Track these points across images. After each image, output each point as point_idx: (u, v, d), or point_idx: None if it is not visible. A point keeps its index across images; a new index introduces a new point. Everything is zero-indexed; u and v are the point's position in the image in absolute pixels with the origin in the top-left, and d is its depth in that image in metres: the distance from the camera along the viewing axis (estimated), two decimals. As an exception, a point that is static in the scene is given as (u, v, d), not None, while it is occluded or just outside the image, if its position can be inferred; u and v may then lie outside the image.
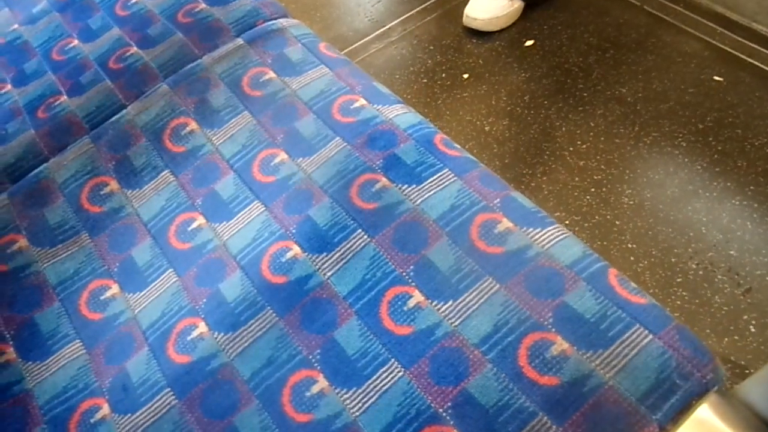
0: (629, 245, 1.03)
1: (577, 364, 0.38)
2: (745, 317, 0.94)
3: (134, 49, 0.66)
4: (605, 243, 1.03)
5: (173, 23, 0.67)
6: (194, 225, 0.51)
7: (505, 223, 0.45)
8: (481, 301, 0.42)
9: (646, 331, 0.39)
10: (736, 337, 0.91)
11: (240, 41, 0.63)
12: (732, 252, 1.00)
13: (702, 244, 1.01)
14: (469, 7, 1.38)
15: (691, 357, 0.38)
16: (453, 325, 0.41)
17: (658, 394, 0.36)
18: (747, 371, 0.88)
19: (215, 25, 0.65)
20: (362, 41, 1.44)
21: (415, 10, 1.49)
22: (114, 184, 0.56)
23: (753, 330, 0.92)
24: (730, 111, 1.19)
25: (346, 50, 1.42)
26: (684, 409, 0.36)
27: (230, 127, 0.56)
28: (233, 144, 0.55)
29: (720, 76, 1.24)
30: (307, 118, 0.55)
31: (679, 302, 0.96)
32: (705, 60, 1.26)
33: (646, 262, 1.00)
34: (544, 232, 0.45)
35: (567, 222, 1.06)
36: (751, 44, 1.26)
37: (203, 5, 0.68)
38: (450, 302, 0.42)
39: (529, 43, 1.35)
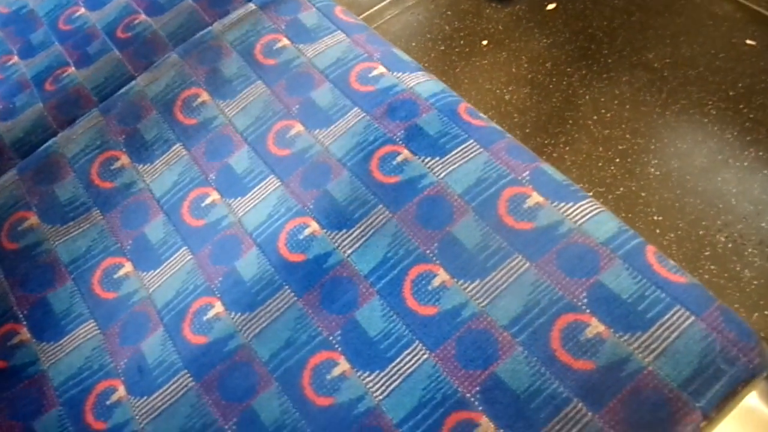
0: (655, 217, 0.99)
1: (614, 348, 0.36)
2: (776, 291, 0.90)
3: (142, 16, 0.63)
4: (630, 215, 1.00)
5: (182, -11, 0.64)
6: (208, 201, 0.49)
7: (535, 197, 0.42)
8: (510, 280, 0.39)
9: (688, 313, 0.36)
10: (766, 312, 0.88)
11: (252, 6, 0.60)
12: (763, 224, 0.97)
13: (731, 216, 0.98)
14: (488, -30, 1.32)
15: (736, 340, 0.35)
16: (480, 305, 0.39)
17: (702, 379, 0.34)
18: (777, 347, 0.85)
19: (225, -10, 0.62)
20: (377, 7, 1.39)
21: (432, -26, 1.43)
22: (125, 159, 0.54)
23: (784, 305, 0.89)
24: (763, 77, 1.13)
25: (360, 17, 1.38)
26: (729, 395, 0.34)
27: (243, 97, 0.54)
28: (246, 116, 0.53)
29: (753, 40, 1.18)
30: (324, 88, 0.52)
31: (707, 276, 0.93)
32: (737, 23, 1.20)
33: (672, 235, 0.97)
34: (576, 206, 0.42)
35: (591, 194, 1.03)
36: (787, 5, 1.20)
37: (213, -31, 0.65)
38: (477, 281, 0.40)
39: (551, 6, 1.30)
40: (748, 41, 1.18)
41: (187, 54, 0.58)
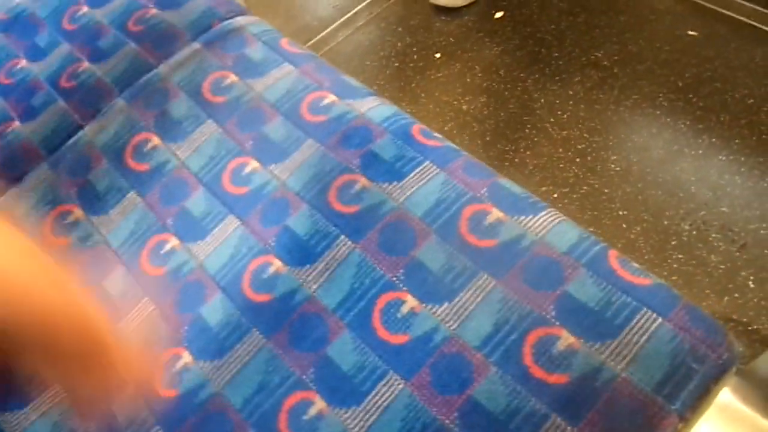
0: (620, 212, 1.01)
1: (586, 358, 0.36)
2: (743, 274, 0.92)
3: (86, 64, 0.62)
4: (596, 213, 1.01)
5: (124, 33, 0.63)
6: (167, 247, 0.48)
7: (495, 213, 0.43)
8: (478, 299, 0.39)
9: (654, 315, 0.37)
10: (736, 295, 0.90)
11: (197, 45, 0.60)
12: (723, 209, 0.99)
13: (693, 203, 1.00)
14: (434, -16, 1.34)
15: (704, 337, 0.36)
16: (451, 328, 0.39)
17: (674, 381, 0.34)
18: (750, 328, 0.87)
19: (169, 31, 0.62)
20: (329, 29, 1.40)
21: (379, -8, 1.44)
22: (78, 212, 0.52)
23: (752, 286, 0.91)
24: (708, 65, 1.17)
25: (312, 40, 1.38)
26: (703, 394, 0.34)
27: (195, 138, 0.53)
28: (200, 156, 0.52)
29: (695, 31, 1.21)
30: (276, 121, 0.52)
31: (675, 265, 0.95)
32: (678, 15, 1.24)
33: (638, 228, 0.99)
34: (536, 218, 0.42)
35: (555, 195, 1.05)
36: (724, -5, 1.24)
37: (155, 10, 0.64)
38: (445, 304, 0.39)
39: (499, 14, 1.32)
40: (690, 32, 1.22)
41: (134, 98, 0.57)
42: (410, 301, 0.40)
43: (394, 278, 0.41)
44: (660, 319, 0.36)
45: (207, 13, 0.62)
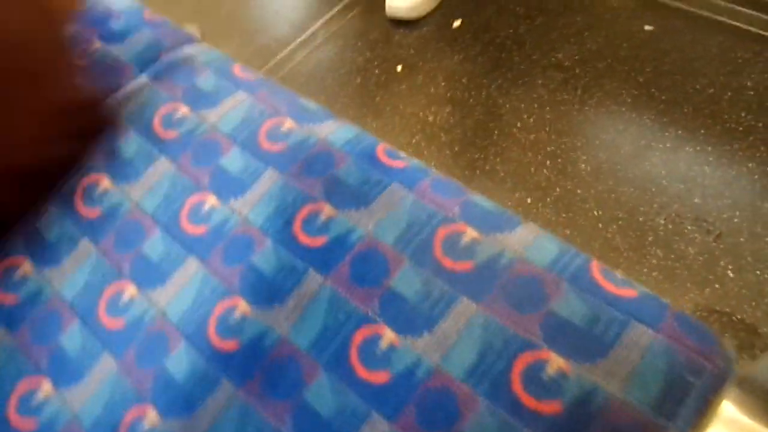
0: (595, 212, 1.00)
1: (578, 381, 0.34)
2: (722, 263, 0.92)
3: (27, 106, 0.58)
4: (571, 214, 1.01)
5: (67, 70, 0.60)
6: (125, 297, 0.45)
7: (470, 233, 0.40)
8: (460, 326, 0.37)
9: (644, 327, 0.35)
10: (716, 286, 0.90)
11: (144, 78, 0.57)
12: (696, 200, 0.99)
13: (665, 197, 1.00)
14: (389, -3, 1.33)
15: (697, 347, 0.34)
16: (434, 361, 0.36)
17: (672, 397, 0.32)
18: (734, 318, 0.87)
19: (114, 65, 0.59)
20: (287, 50, 1.38)
21: (336, 9, 1.43)
22: (27, 266, 0.49)
23: (731, 275, 0.91)
24: (666, 58, 1.18)
25: (271, 62, 1.36)
26: (703, 408, 0.32)
27: (148, 177, 0.50)
28: (154, 196, 0.49)
29: (650, 25, 1.23)
30: (233, 153, 0.49)
31: (654, 261, 0.94)
32: (633, 11, 1.25)
33: (614, 227, 0.98)
34: (513, 234, 0.40)
35: (529, 200, 1.04)
36: (674, -12, 1.25)
37: (98, 44, 0.61)
38: (425, 335, 0.37)
39: (457, 23, 1.32)
40: (647, 27, 1.23)
41: (80, 140, 0.54)
42: (388, 335, 0.38)
43: (369, 311, 0.39)
44: (650, 332, 0.35)
45: (153, 44, 0.60)
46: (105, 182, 0.51)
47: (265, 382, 0.38)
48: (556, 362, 0.34)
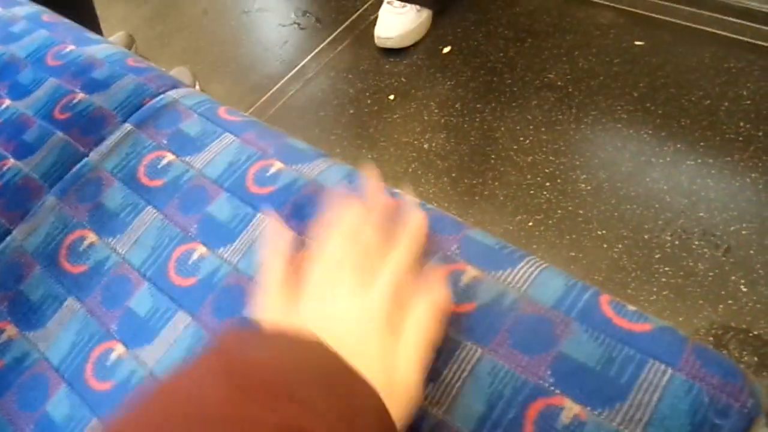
0: (599, 232, 0.98)
1: (597, 429, 0.31)
2: (733, 278, 0.90)
3: (10, 161, 0.57)
4: (574, 236, 0.98)
5: (50, 122, 0.59)
6: (113, 357, 0.43)
7: (471, 272, 0.38)
8: (465, 375, 0.35)
9: (663, 366, 0.32)
10: (730, 302, 0.87)
11: (128, 126, 0.55)
12: (701, 214, 0.97)
13: (670, 213, 0.98)
14: (378, 28, 1.33)
15: (721, 384, 0.32)
16: (440, 413, 0.34)
17: (700, 443, 0.30)
18: (750, 334, 0.84)
19: (98, 114, 0.57)
20: (278, 85, 1.38)
21: (325, 42, 1.43)
22: (11, 330, 0.47)
23: (744, 290, 0.88)
24: (659, 72, 1.17)
25: (263, 98, 1.36)
26: (734, 454, 0.30)
27: (134, 229, 0.48)
28: (141, 248, 0.47)
29: (640, 40, 1.22)
30: (221, 199, 0.47)
31: (664, 279, 0.92)
32: (622, 27, 1.25)
33: (620, 246, 0.96)
34: (516, 271, 0.38)
35: (530, 223, 1.02)
36: (662, 2, 1.26)
37: (81, 95, 0.60)
38: (429, 386, 0.35)
39: (446, 49, 1.32)
40: (637, 42, 1.23)
41: (65, 193, 0.52)
42: (390, 387, 0.35)
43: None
44: (670, 370, 0.32)
45: (137, 90, 0.58)
46: (90, 237, 0.49)
47: None
48: (571, 409, 0.32)
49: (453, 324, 0.36)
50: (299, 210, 0.45)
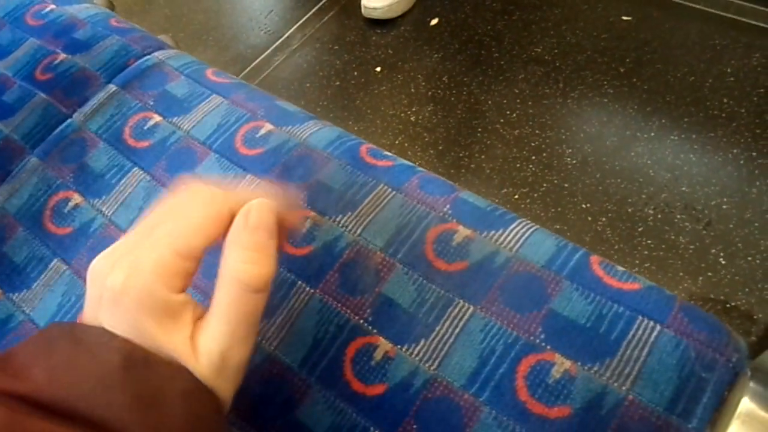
0: (583, 205, 0.99)
1: (587, 383, 0.32)
2: (713, 251, 0.92)
3: (-10, 122, 0.56)
4: (559, 209, 0.99)
5: (31, 83, 0.57)
6: (101, 318, 0.42)
7: (462, 232, 0.39)
8: (457, 331, 0.35)
9: (652, 322, 0.33)
10: (709, 274, 0.89)
11: (113, 87, 0.54)
12: (684, 188, 0.98)
13: (653, 187, 0.99)
14: (364, -2, 1.31)
15: (708, 340, 0.32)
16: (431, 369, 0.34)
17: (686, 395, 0.31)
18: (728, 305, 0.86)
19: (81, 75, 0.56)
20: (263, 56, 1.35)
21: (311, 12, 1.41)
22: (-6, 291, 0.46)
23: (723, 262, 0.90)
24: (646, 48, 1.17)
25: (247, 69, 1.33)
26: (719, 406, 0.30)
27: (121, 190, 0.47)
28: (128, 210, 0.46)
29: (628, 15, 1.22)
30: (209, 160, 0.47)
31: (646, 252, 0.93)
32: (610, 2, 1.25)
33: (604, 219, 0.97)
34: (507, 231, 0.38)
35: (516, 196, 1.02)
36: (650, -23, 1.25)
37: (63, 55, 0.58)
38: (422, 342, 0.35)
39: (434, 21, 1.30)
40: (624, 17, 1.23)
41: (48, 155, 0.51)
42: (383, 345, 0.36)
43: (363, 321, 0.37)
44: (659, 327, 0.33)
45: (121, 51, 0.57)
46: (75, 198, 0.48)
47: (255, 401, 0.36)
48: (562, 364, 0.33)
49: (445, 282, 0.37)
50: (289, 172, 0.44)
